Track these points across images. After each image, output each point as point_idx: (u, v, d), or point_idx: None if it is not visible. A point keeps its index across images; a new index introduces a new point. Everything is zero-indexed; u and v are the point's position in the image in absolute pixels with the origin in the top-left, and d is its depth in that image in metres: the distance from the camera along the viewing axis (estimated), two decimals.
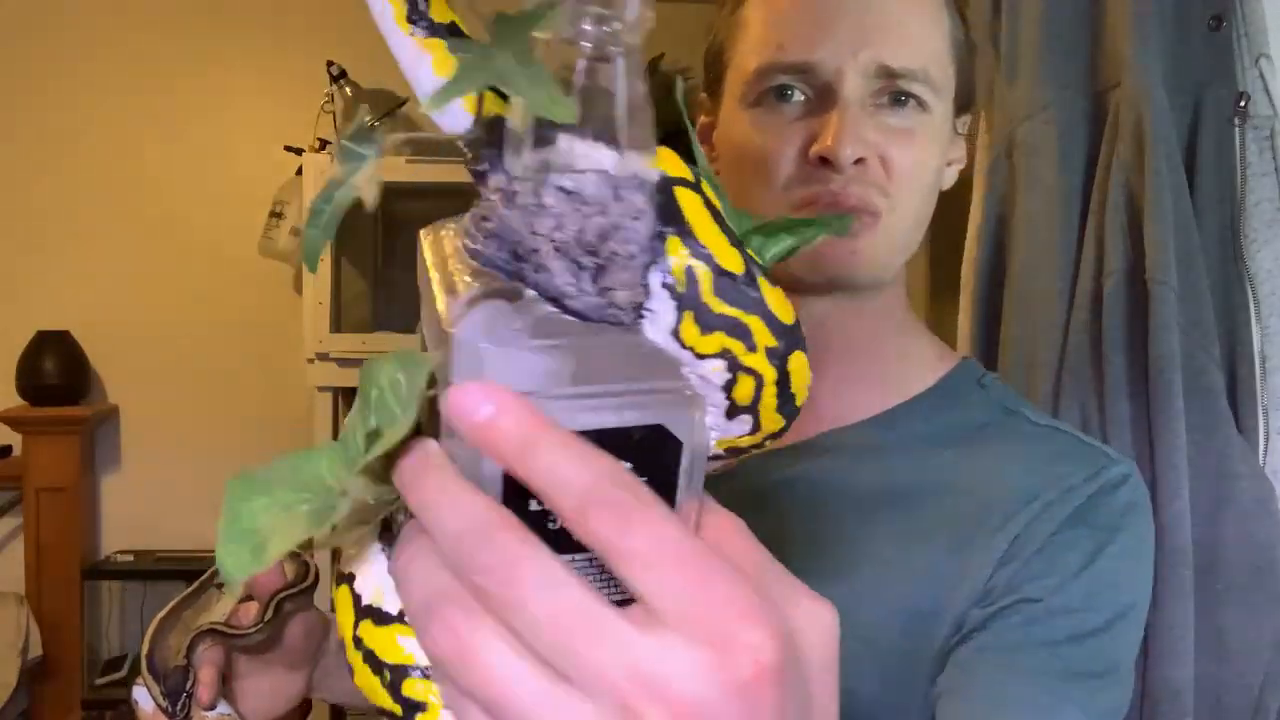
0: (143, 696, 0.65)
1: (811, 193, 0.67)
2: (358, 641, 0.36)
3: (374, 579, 0.36)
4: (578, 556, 0.30)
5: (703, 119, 0.79)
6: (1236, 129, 0.89)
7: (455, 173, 2.99)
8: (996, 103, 1.08)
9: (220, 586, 0.69)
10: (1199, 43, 0.91)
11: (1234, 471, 0.84)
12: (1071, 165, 0.97)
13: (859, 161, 0.66)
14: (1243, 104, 0.89)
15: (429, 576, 0.30)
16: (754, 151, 0.69)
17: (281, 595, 0.65)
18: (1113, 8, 0.93)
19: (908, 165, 0.68)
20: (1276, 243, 0.88)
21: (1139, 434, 0.87)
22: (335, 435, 2.77)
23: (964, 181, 1.42)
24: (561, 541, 0.29)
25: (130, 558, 2.86)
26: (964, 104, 0.73)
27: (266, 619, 0.64)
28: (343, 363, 2.51)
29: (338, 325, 2.55)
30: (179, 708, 0.62)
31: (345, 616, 0.37)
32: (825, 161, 0.66)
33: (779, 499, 0.71)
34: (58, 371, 2.81)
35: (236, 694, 0.68)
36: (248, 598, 0.66)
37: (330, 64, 2.72)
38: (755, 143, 0.69)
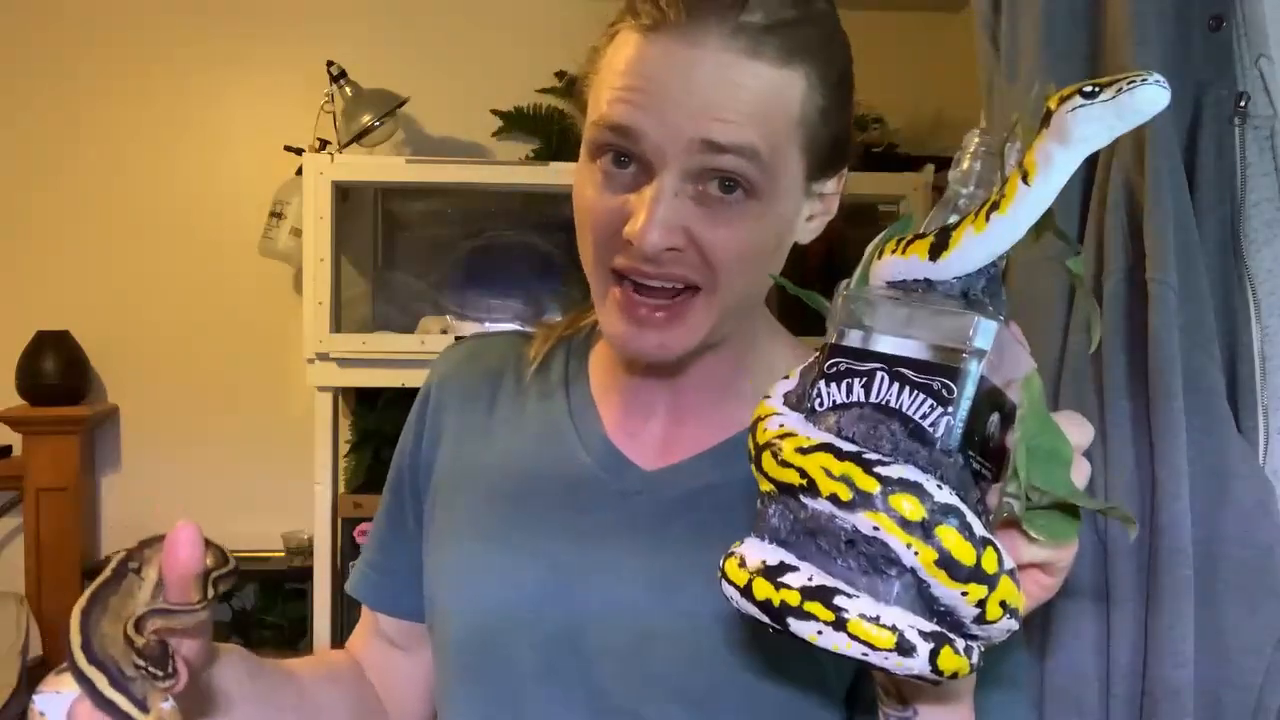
0: (53, 704, 0.59)
1: (619, 265, 0.70)
2: None
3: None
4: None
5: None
6: (1236, 129, 0.89)
7: (454, 173, 2.98)
8: (996, 103, 1.08)
9: (138, 571, 0.66)
10: (1199, 43, 0.91)
11: (1234, 471, 0.84)
12: None
13: (671, 249, 0.68)
14: (1243, 104, 0.89)
15: None
16: (587, 207, 0.72)
17: (215, 574, 0.64)
18: (1113, 8, 0.93)
19: (729, 248, 0.68)
20: (1276, 243, 0.88)
21: (1139, 434, 0.87)
22: (335, 435, 2.74)
23: None
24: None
25: None
26: (826, 166, 0.73)
27: (208, 596, 0.63)
28: (343, 363, 2.51)
29: (338, 325, 2.55)
30: (166, 675, 0.57)
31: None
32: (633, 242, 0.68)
33: (701, 502, 0.75)
34: (58, 371, 2.81)
35: None
36: (158, 585, 0.64)
37: (330, 64, 2.72)
38: (586, 200, 0.72)
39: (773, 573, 0.45)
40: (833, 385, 0.47)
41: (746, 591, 0.46)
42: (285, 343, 2.88)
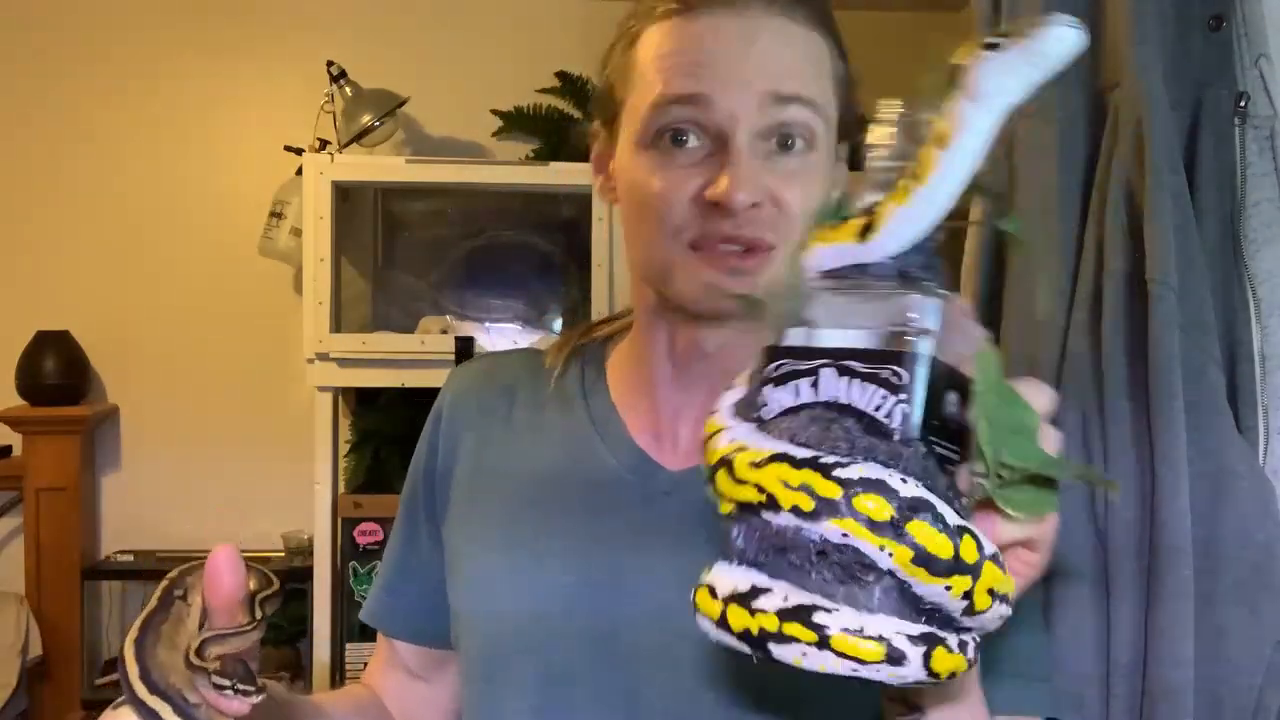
0: None
1: (704, 234, 0.70)
2: None
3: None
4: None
5: (597, 150, 0.82)
6: (1236, 129, 0.89)
7: (454, 173, 2.99)
8: None
9: (184, 598, 0.66)
10: (1199, 43, 0.91)
11: (1234, 471, 0.84)
12: (1071, 165, 0.97)
13: (754, 205, 0.69)
14: (1243, 104, 0.89)
15: None
16: (649, 193, 0.72)
17: (261, 595, 0.65)
18: (1113, 7, 0.93)
19: (798, 204, 0.71)
20: (1276, 243, 0.88)
21: (1139, 434, 0.87)
22: (335, 435, 2.74)
23: None
24: None
25: (130, 558, 2.87)
26: (845, 133, 0.77)
27: (257, 617, 0.63)
28: (343, 363, 2.51)
29: (338, 325, 2.55)
30: (258, 689, 0.57)
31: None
32: (718, 205, 0.69)
33: None
34: (58, 371, 2.81)
35: None
36: (202, 617, 0.64)
37: (330, 64, 2.72)
38: (651, 185, 0.72)
39: (746, 598, 0.42)
40: (779, 389, 0.45)
41: (722, 622, 0.43)
42: (285, 343, 2.88)
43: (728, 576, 0.44)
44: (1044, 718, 0.73)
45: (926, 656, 0.41)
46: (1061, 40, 0.41)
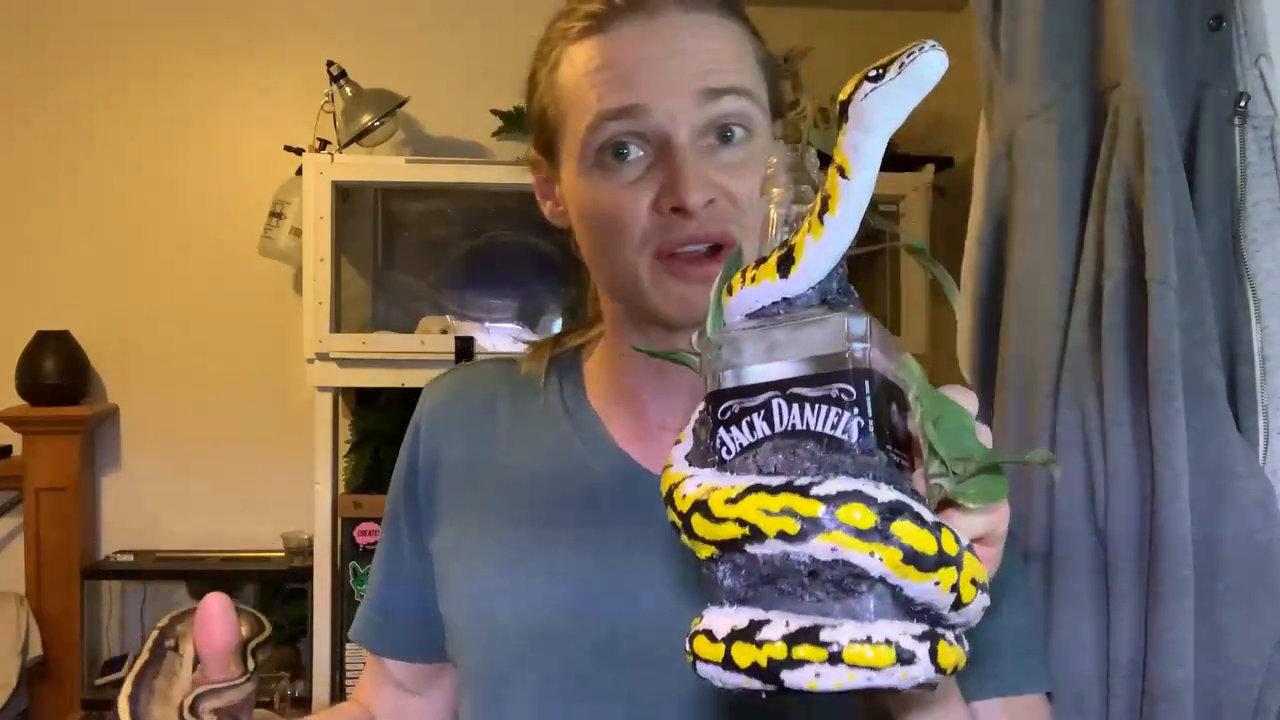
0: None
1: (669, 240, 0.71)
2: None
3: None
4: None
5: (539, 177, 0.83)
6: (1236, 129, 0.89)
7: (454, 173, 2.97)
8: (996, 103, 1.08)
9: (175, 648, 0.65)
10: (1199, 43, 0.91)
11: (1234, 471, 0.84)
12: (1072, 165, 0.97)
13: (709, 203, 0.70)
14: (1243, 104, 0.89)
15: None
16: (604, 214, 0.73)
17: (253, 644, 0.65)
18: (1112, 8, 0.93)
19: (748, 193, 0.71)
20: (1276, 243, 0.88)
21: (1139, 434, 0.87)
22: (335, 435, 2.73)
23: (964, 182, 1.43)
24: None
25: (130, 558, 2.86)
26: (776, 111, 0.78)
27: (250, 668, 0.63)
28: (343, 363, 2.51)
29: (338, 325, 2.55)
30: None
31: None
32: (678, 209, 0.69)
33: None
34: (58, 371, 2.81)
35: None
36: (195, 661, 0.64)
37: (330, 64, 2.72)
38: (603, 205, 0.72)
39: (748, 633, 0.43)
40: (733, 429, 0.46)
41: (728, 663, 0.44)
42: (285, 343, 2.87)
43: (723, 618, 0.45)
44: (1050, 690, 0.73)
45: (933, 653, 0.42)
46: (932, 65, 0.46)
